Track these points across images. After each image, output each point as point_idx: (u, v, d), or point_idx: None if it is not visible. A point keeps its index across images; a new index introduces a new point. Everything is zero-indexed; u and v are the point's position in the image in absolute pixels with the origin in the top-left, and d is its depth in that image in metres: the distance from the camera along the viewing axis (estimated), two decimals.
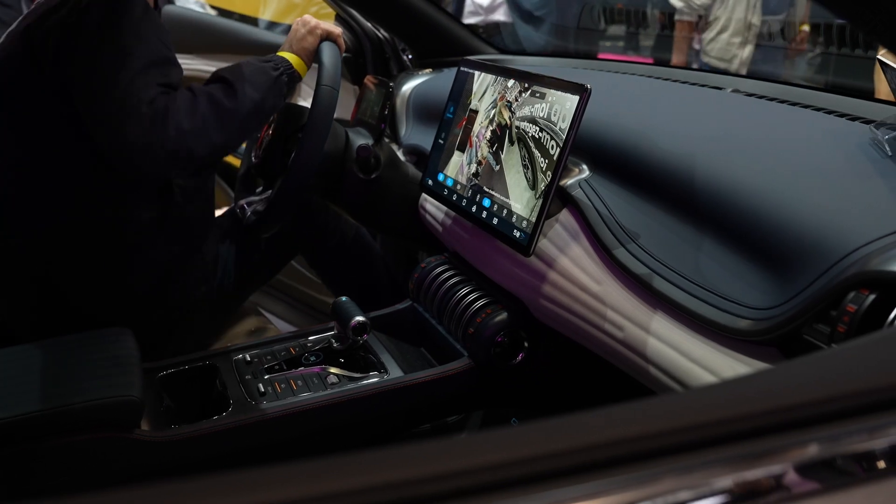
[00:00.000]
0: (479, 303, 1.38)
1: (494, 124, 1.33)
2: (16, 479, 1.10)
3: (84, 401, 1.12)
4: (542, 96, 1.23)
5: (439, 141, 1.49)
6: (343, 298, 1.44)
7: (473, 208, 1.34)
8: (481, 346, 1.33)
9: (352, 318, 1.38)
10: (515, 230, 1.22)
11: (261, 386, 1.32)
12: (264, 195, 1.67)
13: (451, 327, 1.43)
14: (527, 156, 1.23)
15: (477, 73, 1.43)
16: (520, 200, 1.23)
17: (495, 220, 1.28)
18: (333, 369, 1.38)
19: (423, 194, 1.62)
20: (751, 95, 1.42)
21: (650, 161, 1.17)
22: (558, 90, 1.19)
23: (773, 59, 4.18)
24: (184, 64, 2.92)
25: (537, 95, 1.24)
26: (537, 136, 1.21)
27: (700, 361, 0.94)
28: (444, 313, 1.45)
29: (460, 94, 1.46)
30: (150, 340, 1.39)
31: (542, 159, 1.19)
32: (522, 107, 1.27)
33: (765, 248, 0.93)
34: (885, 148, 1.00)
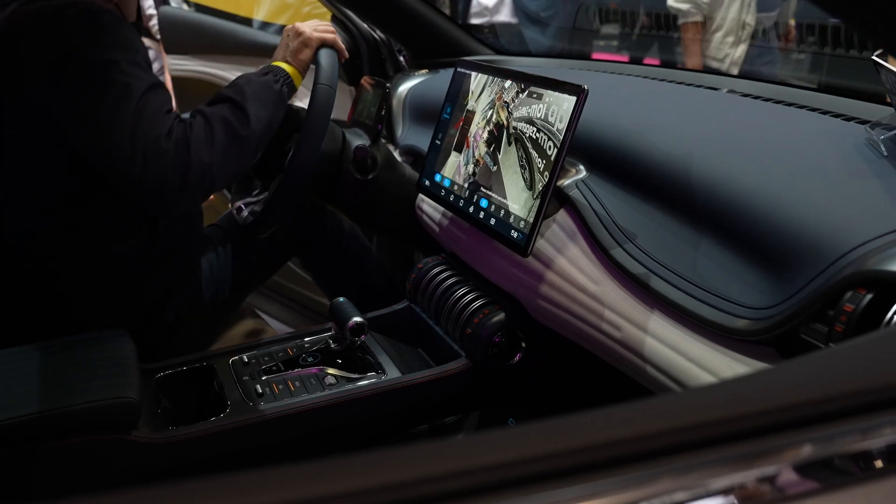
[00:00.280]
0: (477, 303, 1.38)
1: (491, 125, 1.33)
2: (14, 480, 1.10)
3: (81, 402, 1.11)
4: (539, 97, 1.23)
5: (436, 141, 1.49)
6: (341, 299, 1.44)
7: (471, 209, 1.34)
8: (479, 347, 1.33)
9: (349, 318, 1.38)
10: (513, 230, 1.23)
11: (258, 387, 1.32)
12: (261, 196, 1.67)
13: (448, 328, 1.43)
14: (524, 156, 1.23)
15: (474, 73, 1.43)
16: (517, 201, 1.23)
17: (493, 221, 1.28)
18: (331, 370, 1.38)
19: (420, 195, 1.63)
20: (746, 96, 1.43)
21: (647, 161, 1.17)
22: (555, 91, 1.19)
23: (767, 59, 4.15)
24: (180, 65, 2.94)
25: (534, 96, 1.24)
26: (534, 137, 1.21)
27: (698, 361, 0.94)
28: (441, 314, 1.45)
29: (457, 94, 1.46)
30: (147, 342, 1.39)
31: (540, 160, 1.19)
32: (519, 107, 1.27)
33: (762, 248, 0.93)
34: (881, 148, 1.01)
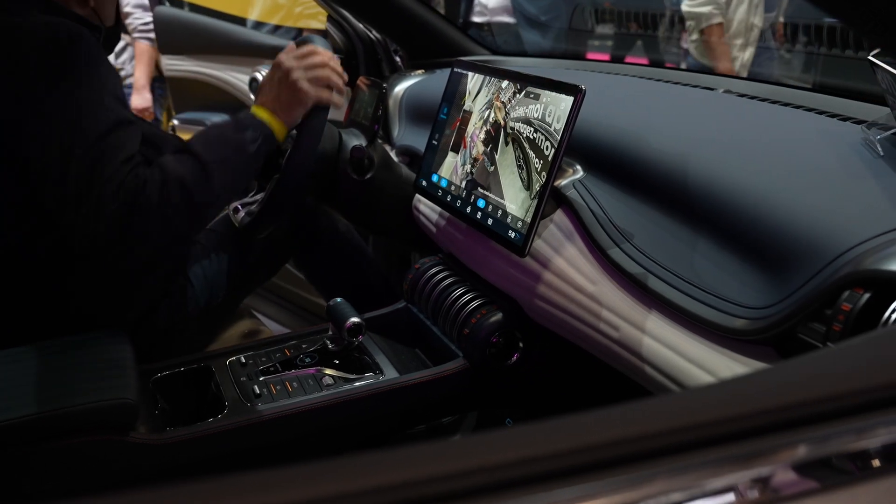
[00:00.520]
0: (474, 303, 1.38)
1: (489, 125, 1.33)
2: (11, 481, 1.09)
3: (79, 403, 1.11)
4: (537, 97, 1.23)
5: (433, 142, 1.49)
6: (338, 300, 1.44)
7: (468, 209, 1.34)
8: (476, 347, 1.34)
9: (347, 319, 1.38)
10: (510, 231, 1.23)
11: (256, 388, 1.32)
12: (258, 196, 1.66)
13: (445, 328, 1.43)
14: (521, 156, 1.23)
15: (471, 74, 1.43)
16: (514, 201, 1.23)
17: (490, 221, 1.28)
18: (328, 371, 1.38)
19: (417, 195, 1.62)
20: (742, 96, 1.43)
21: (644, 161, 1.17)
22: (552, 91, 1.20)
23: (778, 63, 4.06)
24: (177, 65, 2.93)
25: (531, 96, 1.24)
26: (532, 137, 1.21)
27: (696, 360, 0.94)
28: (438, 314, 1.45)
29: (454, 95, 1.46)
30: (144, 344, 1.38)
31: (537, 160, 1.19)
32: (517, 108, 1.27)
33: (759, 248, 0.93)
34: (877, 148, 1.01)
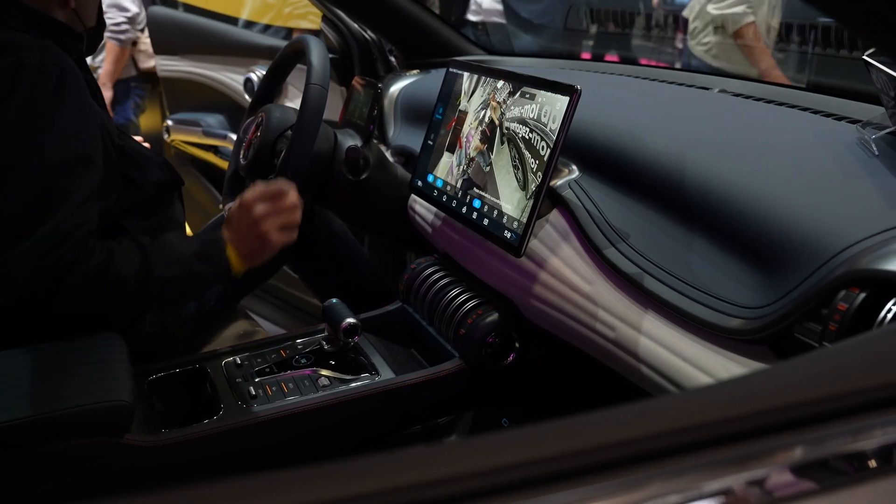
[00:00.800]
0: (470, 304, 1.38)
1: (484, 125, 1.33)
2: (6, 484, 1.09)
3: (74, 406, 1.10)
4: (532, 97, 1.23)
5: (428, 142, 1.49)
6: (334, 300, 1.44)
7: (464, 209, 1.34)
8: (472, 347, 1.33)
9: (342, 320, 1.38)
10: (506, 231, 1.23)
11: (251, 389, 1.32)
12: None
13: (441, 328, 1.43)
14: (517, 156, 1.23)
15: (466, 74, 1.43)
16: (510, 201, 1.23)
17: (486, 221, 1.28)
18: (324, 371, 1.37)
19: (413, 195, 1.62)
20: (738, 95, 1.43)
21: (639, 161, 1.17)
22: (548, 91, 1.20)
23: (797, 65, 3.99)
24: (170, 66, 2.92)
25: (527, 96, 1.24)
26: (527, 137, 1.21)
27: (692, 360, 0.94)
28: (434, 314, 1.45)
29: (449, 95, 1.46)
30: (139, 345, 1.37)
31: (533, 160, 1.19)
32: (512, 108, 1.27)
33: (755, 248, 0.93)
34: (872, 147, 1.01)
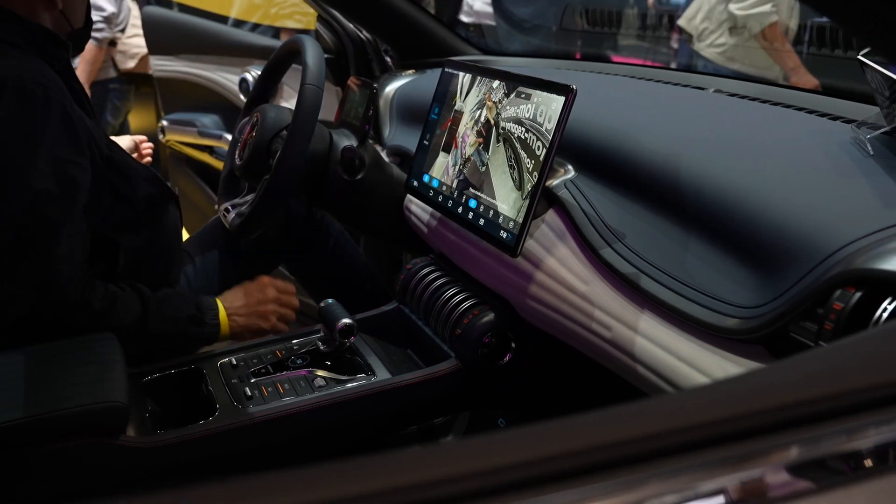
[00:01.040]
0: (466, 304, 1.38)
1: (480, 125, 1.33)
2: (2, 486, 1.09)
3: (69, 407, 1.10)
4: (528, 97, 1.23)
5: (424, 142, 1.49)
6: (330, 301, 1.44)
7: (459, 209, 1.34)
8: (468, 347, 1.33)
9: (338, 320, 1.38)
10: (502, 231, 1.23)
11: (247, 390, 1.31)
12: (249, 197, 1.66)
13: (437, 328, 1.43)
14: (513, 156, 1.23)
15: (461, 73, 1.43)
16: (506, 201, 1.23)
17: (482, 221, 1.28)
18: (320, 372, 1.37)
19: (409, 195, 1.62)
20: (733, 95, 1.43)
21: (635, 161, 1.17)
22: (544, 91, 1.20)
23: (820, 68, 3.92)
24: (165, 66, 2.92)
25: (523, 96, 1.24)
26: (523, 137, 1.21)
27: (688, 360, 0.94)
28: (430, 314, 1.45)
29: (445, 95, 1.46)
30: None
31: (529, 160, 1.19)
32: (508, 108, 1.27)
33: (751, 247, 0.93)
34: (867, 147, 1.01)
